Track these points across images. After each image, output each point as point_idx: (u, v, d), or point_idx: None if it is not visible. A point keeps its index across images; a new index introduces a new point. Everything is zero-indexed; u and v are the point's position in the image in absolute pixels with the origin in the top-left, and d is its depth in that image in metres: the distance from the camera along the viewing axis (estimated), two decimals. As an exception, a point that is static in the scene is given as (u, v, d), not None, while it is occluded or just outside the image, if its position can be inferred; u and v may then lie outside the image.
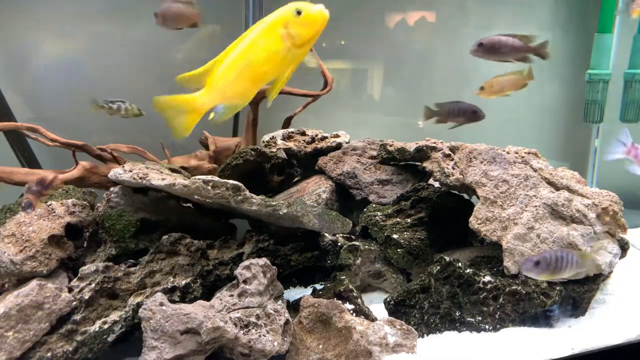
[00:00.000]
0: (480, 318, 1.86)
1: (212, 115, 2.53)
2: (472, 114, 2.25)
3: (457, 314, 1.87)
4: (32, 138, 2.32)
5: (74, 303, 1.64)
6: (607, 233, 2.03)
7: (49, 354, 1.56)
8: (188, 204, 2.10)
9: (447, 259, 1.90)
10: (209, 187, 1.82)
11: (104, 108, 2.27)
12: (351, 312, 1.80)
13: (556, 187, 2.11)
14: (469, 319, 1.86)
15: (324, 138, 2.66)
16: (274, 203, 1.88)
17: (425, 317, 1.86)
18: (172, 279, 1.77)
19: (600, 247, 1.98)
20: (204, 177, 1.84)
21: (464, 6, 3.24)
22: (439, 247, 2.21)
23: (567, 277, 1.75)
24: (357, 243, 2.20)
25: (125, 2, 2.64)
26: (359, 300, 1.88)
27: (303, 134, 2.68)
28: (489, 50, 2.10)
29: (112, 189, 1.97)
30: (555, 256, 1.69)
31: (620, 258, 2.03)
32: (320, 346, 1.70)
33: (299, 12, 1.57)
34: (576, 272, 1.76)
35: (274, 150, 2.45)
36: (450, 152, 2.31)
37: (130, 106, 2.30)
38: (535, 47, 2.11)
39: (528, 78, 2.23)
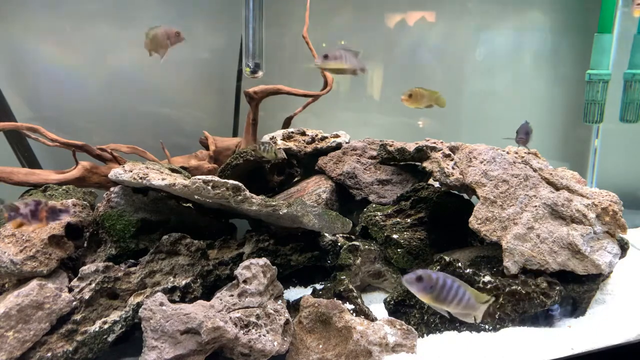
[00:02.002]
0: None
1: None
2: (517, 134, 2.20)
3: (457, 314, 1.87)
4: (32, 138, 2.33)
5: (74, 303, 1.64)
6: (607, 233, 2.03)
7: (49, 354, 1.56)
8: (188, 204, 2.10)
9: (447, 258, 1.90)
10: (209, 187, 1.82)
11: None
12: (351, 312, 1.81)
13: (556, 187, 2.11)
14: (468, 319, 1.86)
15: (324, 138, 2.66)
16: (274, 203, 1.89)
17: (425, 317, 1.86)
18: (172, 279, 1.77)
19: (600, 247, 1.98)
20: (204, 177, 1.84)
21: (464, 6, 3.24)
22: (439, 247, 2.21)
23: (452, 312, 1.57)
24: (357, 243, 2.20)
25: (125, 3, 2.64)
26: (359, 300, 1.88)
27: (303, 134, 2.68)
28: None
29: (112, 189, 1.97)
30: (444, 282, 1.52)
31: (620, 258, 2.03)
32: (320, 346, 1.70)
33: None
34: (464, 312, 1.57)
35: (274, 150, 2.45)
36: (450, 152, 2.31)
37: None
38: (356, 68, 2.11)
39: (437, 103, 2.22)
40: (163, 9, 2.73)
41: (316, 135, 2.67)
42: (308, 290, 2.09)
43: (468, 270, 1.88)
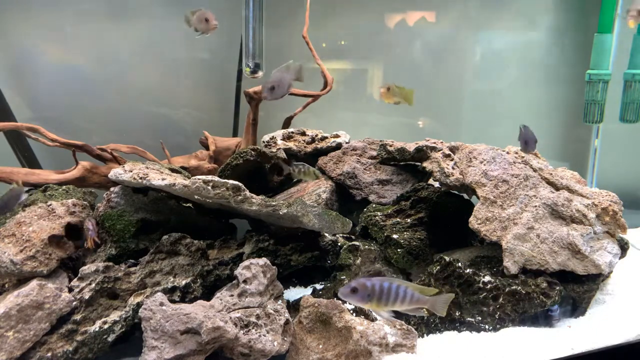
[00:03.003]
0: (480, 318, 1.86)
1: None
2: (525, 145, 2.14)
3: (457, 313, 1.87)
4: (32, 138, 2.33)
5: (74, 303, 1.64)
6: (607, 233, 2.03)
7: (49, 354, 1.56)
8: (188, 204, 2.10)
9: (447, 258, 1.90)
10: (209, 187, 1.82)
11: None
12: (351, 312, 1.80)
13: (556, 187, 2.11)
14: (468, 318, 1.86)
15: (324, 138, 2.66)
16: (274, 203, 1.89)
17: (425, 317, 1.86)
18: (172, 279, 1.77)
19: (600, 247, 1.98)
20: (204, 177, 1.84)
21: (464, 6, 3.24)
22: (439, 247, 2.21)
23: (402, 310, 1.60)
24: (357, 243, 2.20)
25: (125, 3, 2.64)
26: (359, 300, 1.88)
27: (303, 134, 2.68)
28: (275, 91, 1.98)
29: (112, 189, 1.97)
30: (381, 286, 1.53)
31: (620, 258, 2.03)
32: (320, 346, 1.70)
33: None
34: (414, 307, 1.59)
35: (274, 150, 2.46)
36: (450, 152, 2.31)
37: None
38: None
39: (405, 100, 2.22)
40: (163, 9, 2.73)
41: (316, 135, 2.66)
42: (308, 290, 2.09)
43: (468, 270, 1.88)
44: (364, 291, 1.53)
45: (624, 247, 2.08)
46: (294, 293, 2.15)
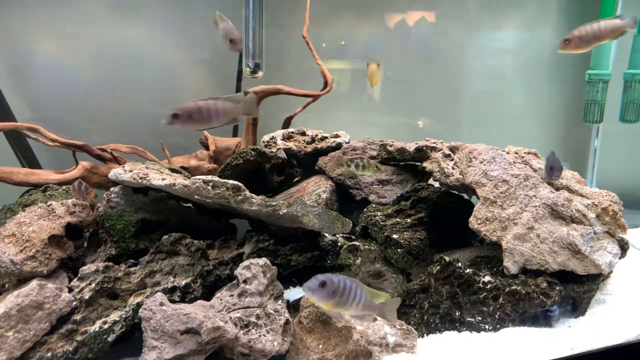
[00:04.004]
0: (480, 318, 1.86)
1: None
2: (549, 170, 2.07)
3: (457, 313, 1.87)
4: (32, 138, 2.33)
5: (74, 303, 1.64)
6: (607, 233, 2.03)
7: (49, 354, 1.56)
8: (188, 204, 2.10)
9: (447, 258, 1.90)
10: (209, 187, 1.82)
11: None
12: (351, 312, 1.80)
13: (556, 187, 2.11)
14: (468, 319, 1.86)
15: (324, 138, 2.66)
16: (274, 203, 1.89)
17: (425, 317, 1.86)
18: (172, 279, 1.77)
19: (600, 247, 1.98)
20: (204, 177, 1.84)
21: (464, 6, 3.24)
22: (439, 247, 2.21)
23: (352, 314, 1.51)
24: (357, 243, 2.20)
25: (125, 3, 2.65)
26: (359, 300, 1.88)
27: (303, 134, 2.68)
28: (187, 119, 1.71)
29: (112, 189, 1.97)
30: (344, 285, 1.44)
31: (620, 258, 2.03)
32: (320, 346, 1.70)
33: None
34: (363, 313, 1.50)
35: (274, 150, 2.45)
36: (450, 152, 2.31)
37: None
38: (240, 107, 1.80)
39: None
40: (164, 9, 2.74)
41: (316, 135, 2.66)
42: (308, 291, 2.08)
43: (468, 270, 1.89)
44: (331, 287, 1.44)
45: (624, 247, 2.08)
46: (294, 293, 2.15)
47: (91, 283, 1.68)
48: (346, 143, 2.63)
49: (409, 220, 2.27)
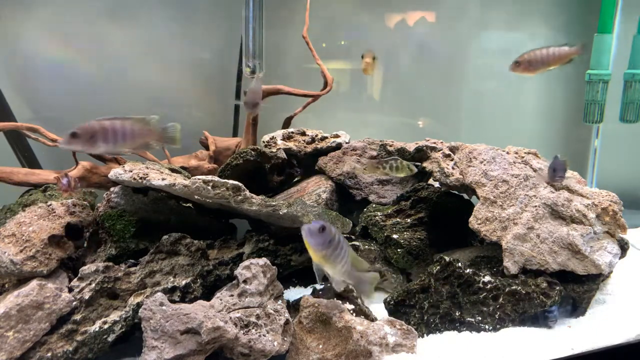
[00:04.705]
0: (480, 318, 1.86)
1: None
2: (552, 172, 2.05)
3: (457, 313, 1.87)
4: (32, 138, 2.33)
5: (74, 303, 1.64)
6: (607, 233, 2.03)
7: (49, 354, 1.56)
8: (188, 204, 2.10)
9: (447, 259, 1.90)
10: (209, 187, 1.82)
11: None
12: (351, 312, 1.80)
13: (556, 187, 2.11)
14: (468, 319, 1.86)
15: (324, 138, 2.66)
16: (274, 203, 1.89)
17: (425, 317, 1.86)
18: (172, 279, 1.77)
19: (600, 247, 1.98)
20: (204, 177, 1.85)
21: (464, 6, 3.24)
22: (439, 247, 2.21)
23: (333, 274, 1.50)
24: (357, 243, 2.20)
25: (125, 2, 2.64)
26: (359, 300, 1.88)
27: (303, 134, 2.68)
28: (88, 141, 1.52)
29: (112, 189, 1.97)
30: (338, 240, 1.43)
31: (620, 258, 2.03)
32: (320, 346, 1.70)
33: None
34: (342, 277, 1.49)
35: (274, 150, 2.45)
36: (450, 152, 2.32)
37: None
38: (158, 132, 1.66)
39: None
40: (164, 9, 2.73)
41: (316, 135, 2.66)
42: (308, 290, 2.08)
43: (468, 270, 1.88)
44: (329, 236, 1.41)
45: (624, 247, 2.08)
46: (294, 293, 2.15)
47: (91, 283, 1.68)
48: (346, 143, 2.63)
49: (409, 220, 2.27)
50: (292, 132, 2.66)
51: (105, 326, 1.64)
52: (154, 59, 2.75)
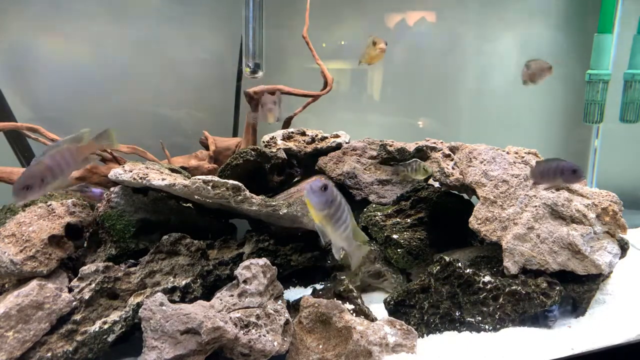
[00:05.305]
0: (480, 318, 1.86)
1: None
2: (572, 174, 1.83)
3: (457, 314, 1.87)
4: (32, 138, 2.33)
5: (74, 303, 1.64)
6: (607, 233, 2.03)
7: (49, 354, 1.56)
8: (188, 204, 2.10)
9: (447, 259, 1.90)
10: (209, 187, 1.82)
11: None
12: (351, 312, 1.81)
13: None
14: (468, 319, 1.86)
15: (324, 138, 2.66)
16: (274, 203, 1.89)
17: (425, 317, 1.86)
18: (172, 279, 1.77)
19: (600, 247, 1.98)
20: (204, 177, 1.84)
21: (464, 6, 3.24)
22: (439, 247, 2.21)
23: (333, 239, 1.46)
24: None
25: (125, 2, 2.64)
26: (359, 300, 1.88)
27: (303, 134, 2.68)
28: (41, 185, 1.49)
29: (112, 189, 1.97)
30: (340, 201, 1.40)
31: (620, 258, 2.03)
32: (320, 346, 1.70)
33: None
34: (340, 241, 1.46)
35: (274, 150, 2.45)
36: (450, 152, 2.32)
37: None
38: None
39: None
40: (164, 9, 2.73)
41: (316, 135, 2.66)
42: (308, 290, 2.09)
43: (468, 270, 1.89)
44: (330, 195, 1.39)
45: (624, 247, 2.08)
46: (294, 293, 2.15)
47: (91, 283, 1.68)
48: (346, 143, 2.63)
49: (409, 220, 2.27)
50: (292, 132, 2.66)
51: (105, 326, 1.64)
52: (154, 58, 2.75)
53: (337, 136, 2.67)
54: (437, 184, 2.34)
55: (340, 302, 1.79)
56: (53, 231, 1.71)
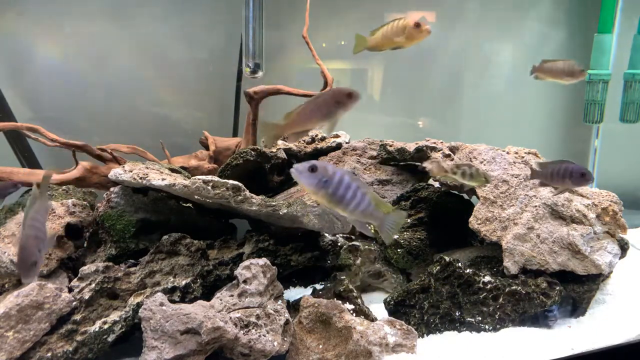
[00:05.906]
0: (480, 318, 1.86)
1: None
2: (580, 177, 1.77)
3: (457, 314, 1.87)
4: (32, 138, 2.32)
5: (74, 303, 1.64)
6: (607, 233, 2.03)
7: (49, 354, 1.56)
8: (188, 204, 2.10)
9: (447, 259, 1.90)
10: (209, 187, 1.82)
11: None
12: (351, 312, 1.80)
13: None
14: (468, 319, 1.86)
15: (324, 138, 2.66)
16: (274, 203, 1.89)
17: (425, 317, 1.86)
18: (172, 279, 1.77)
19: (600, 247, 1.98)
20: (204, 177, 1.84)
21: (463, 6, 3.24)
22: (439, 247, 2.21)
23: (348, 217, 1.41)
24: (357, 243, 2.20)
25: (125, 2, 2.64)
26: (359, 300, 1.88)
27: (303, 134, 2.68)
28: None
29: (112, 189, 1.97)
30: (341, 178, 1.33)
31: (620, 258, 2.03)
32: (320, 346, 1.70)
33: None
34: (362, 219, 1.40)
35: (274, 150, 2.45)
36: (450, 152, 2.31)
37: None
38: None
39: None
40: (164, 8, 2.73)
41: (316, 136, 2.66)
42: (308, 290, 2.08)
43: (468, 271, 1.89)
44: (323, 174, 1.32)
45: (624, 247, 2.08)
46: (294, 293, 2.15)
47: (91, 283, 1.68)
48: (346, 143, 2.63)
49: (409, 220, 2.27)
50: (292, 132, 2.66)
51: (105, 326, 1.64)
52: (154, 58, 2.75)
53: (337, 136, 2.67)
54: (437, 184, 2.34)
55: (340, 302, 1.79)
56: (53, 231, 1.71)
